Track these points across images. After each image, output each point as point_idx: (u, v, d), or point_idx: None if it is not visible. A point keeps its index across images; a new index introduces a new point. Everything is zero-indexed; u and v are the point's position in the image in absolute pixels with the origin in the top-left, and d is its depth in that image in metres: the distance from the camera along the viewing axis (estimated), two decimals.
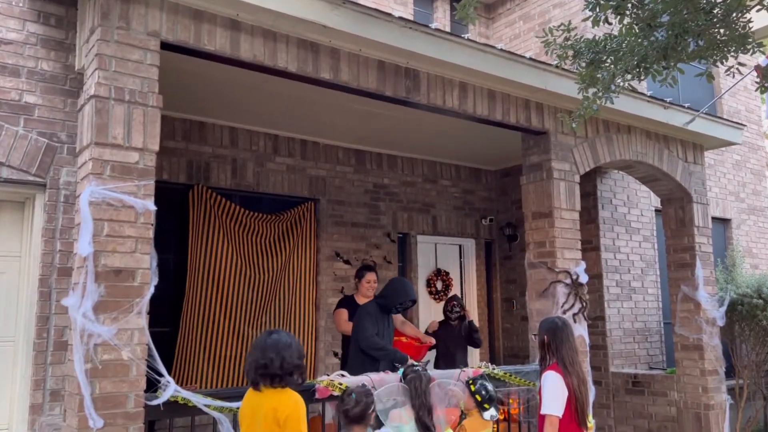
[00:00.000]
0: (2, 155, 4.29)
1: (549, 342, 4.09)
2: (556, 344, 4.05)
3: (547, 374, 3.99)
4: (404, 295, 5.39)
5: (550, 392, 3.90)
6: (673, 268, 7.06)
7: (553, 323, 4.22)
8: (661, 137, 6.70)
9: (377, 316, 5.27)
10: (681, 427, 6.80)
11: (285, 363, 3.08)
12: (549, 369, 4.01)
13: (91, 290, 3.47)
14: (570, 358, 4.03)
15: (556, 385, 3.91)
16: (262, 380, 3.07)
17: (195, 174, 6.47)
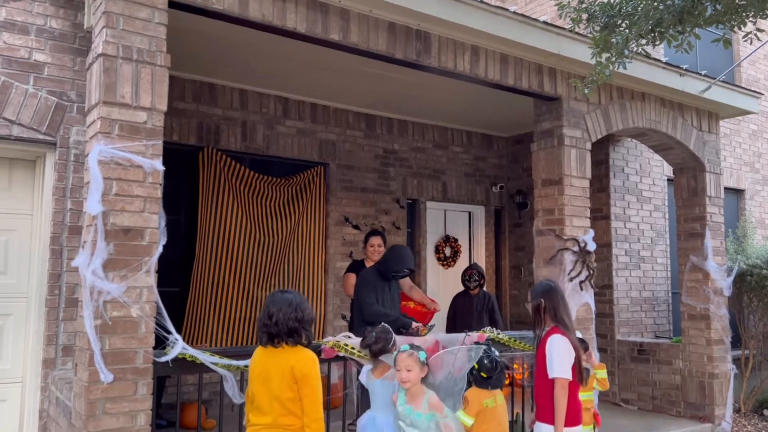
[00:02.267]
0: (12, 113, 4.31)
1: (546, 305, 4.02)
2: (553, 306, 3.99)
3: (554, 338, 3.92)
4: (399, 264, 5.30)
5: (560, 356, 3.85)
6: (683, 238, 7.02)
7: (548, 286, 4.14)
8: (676, 105, 6.59)
9: (376, 283, 5.24)
10: (685, 395, 6.85)
11: (294, 321, 3.12)
12: (554, 332, 3.95)
13: (101, 248, 3.51)
14: (568, 319, 4.02)
15: (564, 348, 3.87)
16: (274, 338, 3.11)
17: (205, 136, 6.48)
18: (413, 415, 3.62)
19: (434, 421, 3.61)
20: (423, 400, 3.67)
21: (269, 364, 3.13)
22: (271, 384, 3.08)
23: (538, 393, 4.01)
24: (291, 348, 3.14)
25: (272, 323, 3.10)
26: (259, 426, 3.09)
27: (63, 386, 4.04)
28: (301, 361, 3.09)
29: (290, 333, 3.11)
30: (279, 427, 3.05)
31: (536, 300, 4.08)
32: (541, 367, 3.96)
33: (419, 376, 3.69)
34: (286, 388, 3.06)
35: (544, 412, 3.91)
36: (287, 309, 3.13)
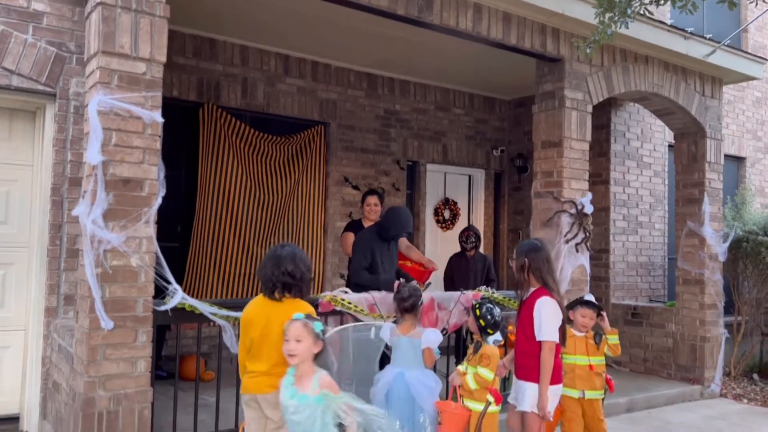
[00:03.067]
0: (12, 63, 4.30)
1: (530, 264, 3.87)
2: (539, 266, 3.85)
3: (543, 300, 3.80)
4: (398, 227, 5.27)
5: (549, 318, 3.75)
6: (681, 203, 7.05)
7: (533, 245, 4.00)
8: (680, 69, 6.54)
9: (374, 244, 5.22)
10: (676, 358, 6.96)
11: (293, 273, 3.17)
12: (542, 294, 3.83)
13: (101, 198, 3.55)
14: (553, 279, 3.92)
15: (554, 311, 3.78)
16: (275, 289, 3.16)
17: (205, 92, 6.46)
18: (297, 398, 2.99)
19: (325, 403, 3.00)
20: (312, 380, 3.02)
21: (270, 314, 3.18)
22: (270, 334, 3.15)
23: (521, 352, 3.89)
24: (290, 300, 3.20)
25: (273, 275, 3.15)
26: (256, 373, 3.17)
27: (65, 333, 4.13)
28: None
29: (290, 286, 3.17)
30: (275, 375, 3.13)
31: (521, 259, 3.94)
32: (527, 327, 3.84)
33: (310, 350, 3.04)
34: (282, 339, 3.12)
35: (527, 372, 3.81)
36: (287, 262, 3.18)
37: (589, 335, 4.42)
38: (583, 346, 4.36)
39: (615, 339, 4.44)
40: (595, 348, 4.37)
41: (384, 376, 4.14)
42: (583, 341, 4.39)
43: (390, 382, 4.07)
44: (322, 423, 2.99)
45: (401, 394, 4.01)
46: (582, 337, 4.40)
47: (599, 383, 4.32)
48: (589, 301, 4.52)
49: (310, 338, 3.02)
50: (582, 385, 4.27)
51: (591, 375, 4.29)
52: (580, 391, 4.26)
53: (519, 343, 3.93)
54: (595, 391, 4.29)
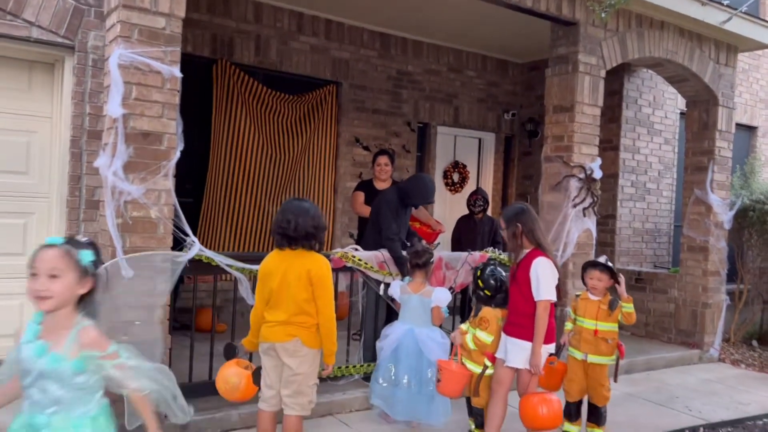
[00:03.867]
0: (32, 14, 4.33)
1: (522, 228, 3.84)
2: (531, 228, 3.84)
3: (540, 260, 3.77)
4: (423, 198, 5.26)
5: (547, 278, 3.74)
6: (689, 171, 7.09)
7: (520, 209, 3.96)
8: (695, 36, 6.50)
9: (398, 208, 5.19)
10: (677, 323, 7.10)
11: (310, 227, 3.26)
12: (538, 255, 3.80)
13: (121, 151, 3.64)
14: (545, 239, 3.91)
15: (551, 272, 3.78)
16: (291, 241, 3.26)
17: (219, 48, 6.48)
18: (49, 358, 2.08)
19: (92, 367, 2.13)
20: (69, 335, 2.12)
21: (287, 266, 3.28)
22: (288, 285, 3.26)
23: (516, 312, 3.87)
24: (306, 252, 3.30)
25: (289, 227, 3.25)
26: (275, 322, 3.29)
27: None
28: (317, 265, 3.26)
29: (306, 237, 3.27)
30: (293, 324, 3.26)
31: (512, 225, 3.89)
32: (524, 288, 3.80)
33: (72, 291, 2.13)
34: (302, 290, 3.24)
35: (521, 330, 3.80)
36: (304, 215, 3.27)
37: (603, 300, 4.24)
38: (593, 310, 4.22)
39: (630, 307, 4.24)
40: (607, 314, 4.20)
41: (393, 332, 4.28)
42: (595, 305, 4.23)
43: (399, 338, 4.21)
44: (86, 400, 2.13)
45: (410, 350, 4.16)
46: (595, 301, 4.25)
47: (605, 349, 4.18)
48: (599, 263, 4.33)
49: (73, 273, 2.12)
50: (586, 348, 4.20)
51: (596, 340, 4.18)
52: (584, 353, 4.20)
53: (515, 302, 3.89)
54: (599, 356, 4.19)
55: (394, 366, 4.21)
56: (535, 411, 3.77)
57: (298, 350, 3.24)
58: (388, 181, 6.16)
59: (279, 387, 3.34)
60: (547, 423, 3.78)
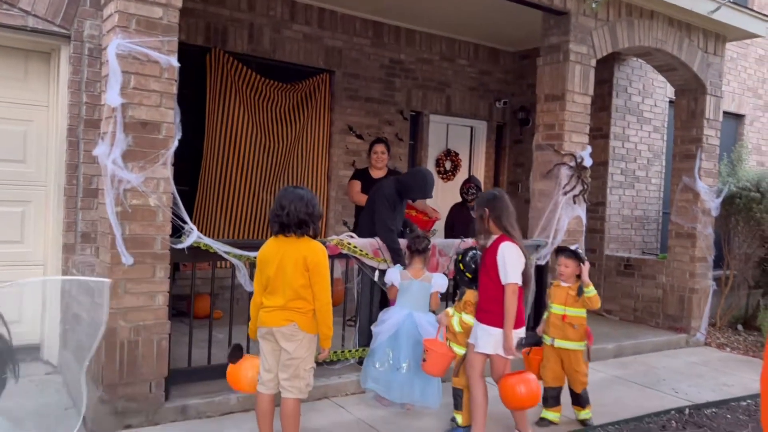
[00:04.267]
0: (28, 3, 4.36)
1: (489, 213, 3.90)
2: (499, 214, 3.88)
3: (506, 245, 3.82)
4: (422, 194, 5.28)
5: (513, 262, 3.79)
6: (678, 159, 7.20)
7: (492, 195, 4.01)
8: (684, 25, 6.59)
9: (395, 201, 5.23)
10: (665, 308, 7.25)
11: (305, 214, 3.33)
12: (503, 240, 3.85)
13: (120, 139, 3.69)
14: (512, 226, 3.91)
15: (517, 255, 3.82)
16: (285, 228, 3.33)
17: (213, 37, 6.50)
18: None
19: None
20: None
21: (283, 253, 3.36)
22: (284, 271, 3.33)
23: (485, 298, 3.92)
24: (303, 239, 3.37)
25: (284, 214, 3.32)
26: (272, 308, 3.37)
27: (84, 268, 4.33)
28: (312, 252, 3.34)
29: (300, 224, 3.34)
30: (290, 309, 3.34)
31: (480, 210, 3.97)
32: (492, 273, 3.86)
33: None
34: (298, 276, 3.31)
35: (491, 316, 3.84)
36: (299, 202, 3.34)
37: (573, 286, 4.32)
38: (562, 296, 4.33)
39: (590, 291, 4.27)
40: (574, 299, 4.28)
41: (391, 317, 4.38)
42: (564, 291, 4.33)
43: (399, 322, 4.31)
44: None
45: (410, 334, 4.26)
46: (564, 287, 4.35)
47: (573, 334, 4.27)
48: (566, 249, 4.45)
49: None
50: (554, 333, 4.31)
51: (564, 325, 4.28)
52: (551, 338, 4.32)
53: (484, 288, 3.94)
54: (567, 341, 4.27)
55: (392, 350, 4.31)
56: (513, 391, 3.83)
57: (294, 334, 3.33)
58: (384, 169, 6.23)
59: (277, 371, 3.43)
60: (526, 402, 3.87)
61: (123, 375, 3.79)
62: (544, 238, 5.82)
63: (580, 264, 4.32)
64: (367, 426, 4.14)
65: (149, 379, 3.87)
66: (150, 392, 3.88)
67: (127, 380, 3.80)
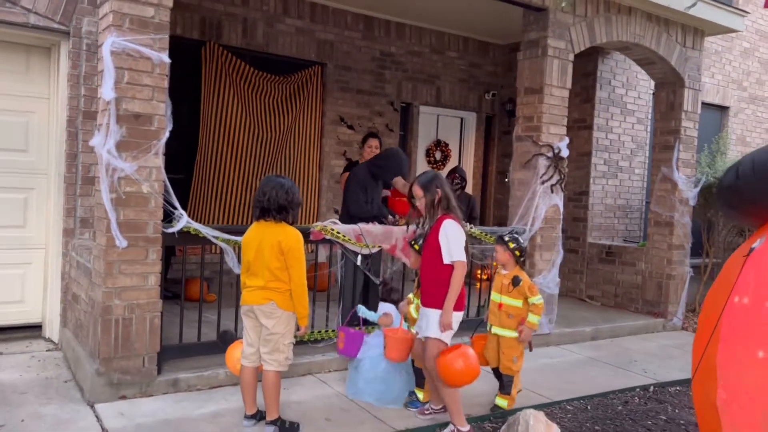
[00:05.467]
0: (29, 2, 4.62)
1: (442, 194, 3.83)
2: (447, 194, 3.84)
3: (448, 222, 3.77)
4: (394, 173, 5.69)
5: (457, 239, 3.75)
6: (657, 150, 7.44)
7: (435, 175, 3.93)
8: (662, 20, 6.81)
9: (366, 181, 5.60)
10: (643, 294, 7.51)
11: (284, 200, 3.61)
12: (445, 218, 3.79)
13: (114, 131, 3.96)
14: (456, 204, 3.87)
15: (460, 232, 3.78)
16: (265, 212, 3.61)
17: (208, 31, 6.75)
18: None
19: None
20: None
21: (262, 237, 3.64)
22: (262, 254, 3.62)
23: (428, 281, 3.86)
24: (279, 225, 3.65)
25: (265, 199, 3.60)
26: (253, 287, 3.65)
27: (83, 251, 4.62)
28: (287, 237, 3.62)
29: (279, 210, 3.61)
30: (269, 289, 3.62)
31: (431, 192, 3.83)
32: (434, 254, 3.80)
33: None
34: (274, 259, 3.60)
35: (433, 299, 3.81)
36: (279, 190, 3.62)
37: (508, 275, 4.33)
38: (498, 284, 4.37)
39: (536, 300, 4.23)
40: (508, 289, 4.29)
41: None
42: (500, 279, 4.37)
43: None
44: None
45: None
46: (501, 275, 4.38)
47: (507, 322, 4.29)
48: (500, 236, 4.47)
49: None
50: (492, 320, 4.36)
51: (500, 313, 4.32)
52: (490, 325, 4.38)
53: (427, 272, 3.87)
54: (502, 329, 4.31)
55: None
56: (452, 366, 3.72)
57: (273, 312, 3.61)
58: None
59: (258, 345, 3.72)
60: (466, 377, 3.77)
61: (118, 349, 4.08)
62: (522, 225, 6.08)
63: (510, 250, 4.31)
64: (346, 399, 4.43)
65: (142, 354, 4.16)
66: (143, 366, 4.18)
67: (122, 354, 4.10)
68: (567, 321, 6.72)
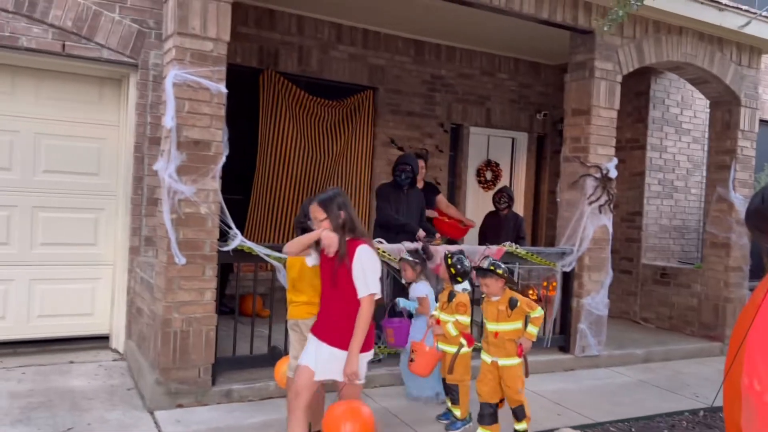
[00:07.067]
0: (102, 38, 5.05)
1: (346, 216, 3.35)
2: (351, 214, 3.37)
3: (363, 249, 3.27)
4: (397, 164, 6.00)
5: (374, 270, 3.29)
6: (712, 169, 7.31)
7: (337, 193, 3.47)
8: (715, 39, 6.73)
9: (390, 194, 5.90)
10: (700, 316, 7.34)
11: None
12: (358, 243, 3.30)
13: (175, 156, 4.28)
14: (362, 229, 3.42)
15: (376, 260, 3.30)
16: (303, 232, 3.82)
17: (265, 59, 7.11)
18: None
19: None
20: None
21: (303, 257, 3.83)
22: (306, 272, 3.81)
23: (335, 314, 3.35)
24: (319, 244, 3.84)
25: (307, 221, 3.81)
26: (298, 303, 3.85)
27: (146, 268, 4.96)
28: None
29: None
30: (313, 304, 3.80)
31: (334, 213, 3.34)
32: (344, 285, 3.30)
33: None
34: (316, 276, 3.77)
35: (336, 336, 3.29)
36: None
37: (502, 300, 4.06)
38: (493, 312, 4.09)
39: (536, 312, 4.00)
40: (506, 315, 4.03)
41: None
42: (494, 306, 4.09)
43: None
44: None
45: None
46: (494, 303, 4.10)
47: (512, 349, 4.02)
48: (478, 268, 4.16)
49: None
50: (495, 352, 4.07)
51: (502, 341, 4.04)
52: (493, 357, 4.07)
53: (332, 304, 3.38)
54: (507, 358, 4.04)
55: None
56: (337, 428, 3.14)
57: None
58: (422, 182, 6.74)
59: None
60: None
61: (176, 360, 4.36)
62: (570, 245, 6.10)
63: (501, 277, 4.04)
64: (391, 414, 4.56)
65: (198, 365, 4.43)
66: (199, 377, 4.44)
67: (180, 365, 4.37)
68: (617, 343, 6.65)
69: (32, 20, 4.83)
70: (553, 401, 5.04)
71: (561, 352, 6.13)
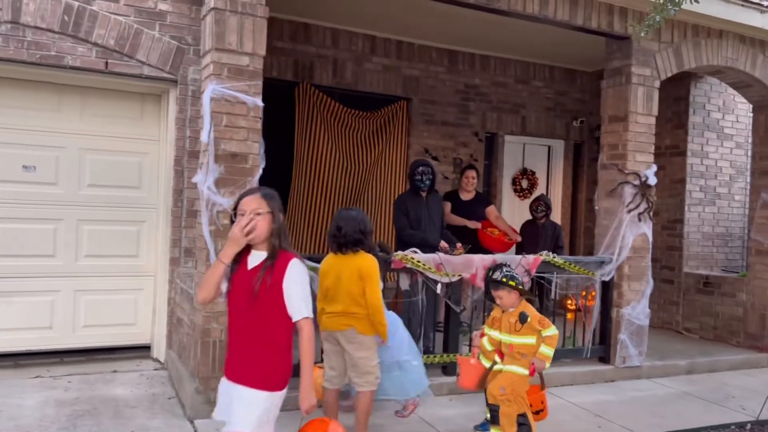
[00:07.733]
0: (143, 55, 5.20)
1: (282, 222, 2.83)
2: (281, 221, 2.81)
3: (295, 264, 2.74)
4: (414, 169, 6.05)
5: (306, 288, 2.77)
6: (757, 175, 7.12)
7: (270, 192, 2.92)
8: (757, 42, 6.56)
9: (407, 203, 5.95)
10: (745, 326, 7.12)
11: (358, 233, 3.85)
12: (289, 257, 2.75)
13: (213, 169, 4.37)
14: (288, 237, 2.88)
15: (307, 277, 2.81)
16: (342, 246, 3.86)
17: (300, 72, 7.22)
18: None
19: None
20: None
21: (341, 267, 3.88)
22: (342, 282, 3.86)
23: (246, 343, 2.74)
24: (355, 254, 3.88)
25: (341, 235, 3.85)
26: (333, 313, 3.89)
27: (186, 279, 5.06)
28: (365, 264, 3.84)
29: (355, 243, 3.85)
30: (348, 314, 3.84)
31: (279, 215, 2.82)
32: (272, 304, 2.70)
33: None
34: (353, 285, 3.82)
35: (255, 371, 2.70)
36: (352, 223, 3.86)
37: (514, 313, 4.05)
38: (507, 324, 4.07)
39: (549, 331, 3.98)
40: (516, 327, 4.02)
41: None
42: (507, 317, 4.08)
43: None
44: None
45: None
46: (507, 314, 4.10)
47: (525, 365, 4.00)
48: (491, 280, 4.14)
49: None
50: (508, 362, 4.07)
51: (515, 354, 4.04)
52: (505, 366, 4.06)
53: (249, 332, 2.74)
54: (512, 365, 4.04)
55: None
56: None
57: (354, 337, 3.83)
58: (473, 192, 6.76)
59: (340, 369, 3.94)
60: None
61: (215, 370, 4.43)
62: (608, 254, 6.00)
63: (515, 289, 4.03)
64: (426, 424, 4.54)
65: None
66: None
67: (219, 374, 4.39)
68: (660, 354, 6.50)
69: (77, 39, 5.00)
70: (593, 413, 4.95)
71: (601, 362, 6.02)
